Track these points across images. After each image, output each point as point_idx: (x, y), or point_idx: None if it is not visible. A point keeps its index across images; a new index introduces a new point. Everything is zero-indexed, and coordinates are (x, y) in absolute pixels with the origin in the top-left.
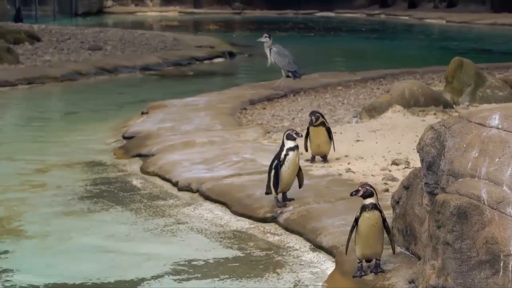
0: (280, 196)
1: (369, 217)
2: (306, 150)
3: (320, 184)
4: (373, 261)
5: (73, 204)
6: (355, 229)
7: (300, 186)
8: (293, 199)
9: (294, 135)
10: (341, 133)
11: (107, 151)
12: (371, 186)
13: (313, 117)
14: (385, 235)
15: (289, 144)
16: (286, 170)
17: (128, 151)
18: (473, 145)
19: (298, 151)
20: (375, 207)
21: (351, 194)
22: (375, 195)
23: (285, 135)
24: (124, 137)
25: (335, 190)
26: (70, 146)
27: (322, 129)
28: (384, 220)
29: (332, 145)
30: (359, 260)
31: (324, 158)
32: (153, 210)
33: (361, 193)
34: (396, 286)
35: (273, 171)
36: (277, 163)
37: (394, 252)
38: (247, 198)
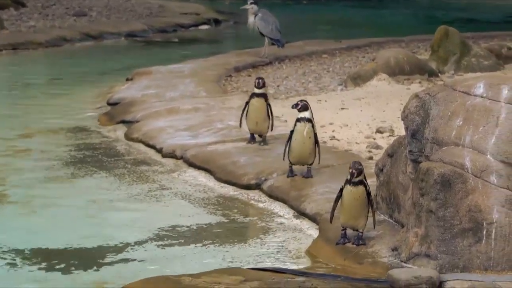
0: (303, 168)
1: (352, 190)
2: (240, 125)
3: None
4: (356, 232)
5: (57, 169)
6: (339, 199)
7: (318, 161)
8: (311, 177)
9: (295, 105)
10: (326, 101)
11: (91, 117)
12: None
13: (257, 81)
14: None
15: (299, 114)
16: (294, 140)
17: (113, 118)
18: (457, 113)
19: (308, 124)
20: (360, 182)
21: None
22: (363, 172)
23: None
24: (109, 104)
25: (320, 157)
26: (54, 111)
27: (262, 103)
28: (368, 194)
29: (271, 125)
30: (343, 227)
31: (263, 140)
32: (137, 176)
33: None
34: (379, 253)
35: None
36: (290, 132)
37: (374, 226)
38: (231, 165)
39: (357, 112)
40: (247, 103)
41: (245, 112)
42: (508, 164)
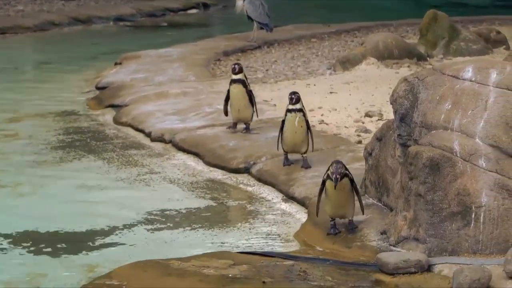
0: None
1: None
2: (226, 114)
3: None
4: (346, 220)
5: (46, 153)
6: (323, 192)
7: (312, 148)
8: (310, 167)
9: (290, 100)
10: (314, 85)
11: (80, 102)
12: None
13: (234, 66)
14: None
15: (289, 106)
16: (285, 130)
17: (101, 102)
18: (446, 97)
19: (299, 113)
20: (343, 176)
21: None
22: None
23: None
24: (97, 88)
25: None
26: (42, 96)
27: (241, 89)
28: (352, 181)
29: (254, 111)
30: (332, 218)
31: (247, 127)
32: (125, 160)
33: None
34: (368, 237)
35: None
36: (282, 121)
37: (363, 213)
38: (220, 149)
39: (346, 96)
40: (228, 90)
41: (227, 99)
42: (497, 147)
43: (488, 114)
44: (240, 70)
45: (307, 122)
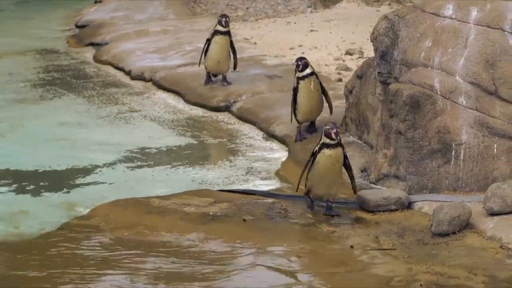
0: (305, 125)
1: (331, 154)
2: (199, 64)
3: (273, 74)
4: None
5: (26, 92)
6: (311, 165)
7: (330, 112)
8: (316, 131)
9: (297, 67)
10: (295, 23)
11: (60, 39)
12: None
13: (224, 19)
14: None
15: (300, 73)
16: (301, 98)
17: (81, 40)
18: (426, 35)
19: (312, 77)
20: (338, 144)
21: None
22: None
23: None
24: (77, 26)
25: (288, 80)
26: (22, 34)
27: (226, 41)
28: (345, 157)
29: (234, 64)
30: (307, 191)
31: (225, 78)
32: (106, 98)
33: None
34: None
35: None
36: (294, 89)
37: (355, 192)
38: (200, 87)
39: (326, 34)
40: (208, 40)
41: (205, 50)
42: (477, 85)
43: (469, 51)
44: (228, 24)
45: (320, 83)
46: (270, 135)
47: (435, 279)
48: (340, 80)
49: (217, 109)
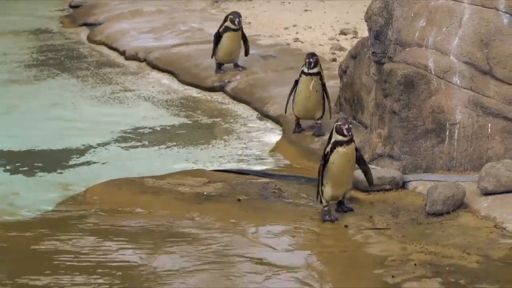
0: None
1: (345, 152)
2: (212, 56)
3: (267, 54)
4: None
5: (19, 72)
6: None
7: (330, 117)
8: (323, 134)
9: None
10: (289, 2)
11: (53, 20)
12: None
13: (237, 20)
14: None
15: (305, 69)
16: (298, 93)
17: (75, 20)
18: (420, 14)
19: (315, 77)
20: (351, 140)
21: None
22: (319, 63)
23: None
24: (71, 6)
25: (282, 60)
26: (15, 14)
27: (239, 37)
28: (357, 150)
29: (245, 51)
30: (326, 203)
31: (236, 65)
32: (100, 78)
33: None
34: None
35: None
36: (295, 81)
37: (370, 185)
38: (195, 67)
39: (320, 14)
40: (218, 34)
41: (217, 44)
42: (471, 65)
43: (463, 31)
44: (240, 23)
45: (323, 86)
46: (264, 115)
47: (429, 258)
48: (334, 60)
49: (211, 89)
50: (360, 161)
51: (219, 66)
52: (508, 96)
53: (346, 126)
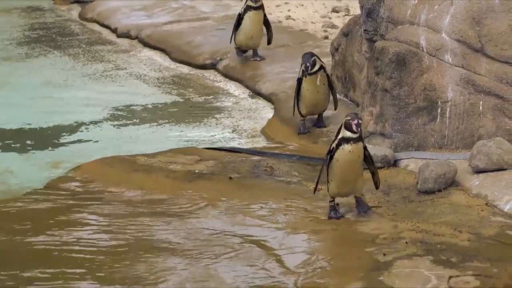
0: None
1: (352, 150)
2: (231, 41)
3: None
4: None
5: (11, 50)
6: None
7: (335, 107)
8: (324, 126)
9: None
10: None
11: None
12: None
13: None
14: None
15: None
16: (305, 91)
17: None
18: None
19: (319, 72)
20: (359, 138)
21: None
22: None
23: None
24: None
25: (274, 37)
26: None
27: (261, 17)
28: (365, 148)
29: (269, 37)
30: (332, 198)
31: (255, 54)
32: (91, 56)
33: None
34: (334, 132)
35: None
36: (298, 80)
37: (377, 188)
38: (187, 45)
39: None
40: (240, 16)
41: (238, 26)
42: (463, 42)
43: (455, 8)
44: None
45: (328, 77)
46: (256, 93)
47: (420, 236)
48: (326, 37)
49: (203, 66)
50: (368, 161)
51: (240, 51)
52: (499, 74)
53: (356, 121)
